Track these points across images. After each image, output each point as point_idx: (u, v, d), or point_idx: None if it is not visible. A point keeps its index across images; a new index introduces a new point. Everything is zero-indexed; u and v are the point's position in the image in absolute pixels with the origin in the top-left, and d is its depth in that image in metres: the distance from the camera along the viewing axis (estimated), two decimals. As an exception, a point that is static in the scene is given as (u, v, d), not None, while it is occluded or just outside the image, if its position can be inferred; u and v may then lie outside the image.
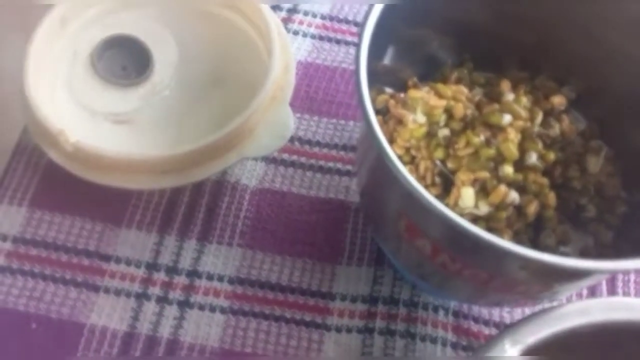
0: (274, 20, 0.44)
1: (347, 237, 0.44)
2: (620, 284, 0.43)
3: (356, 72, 0.28)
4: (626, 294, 0.43)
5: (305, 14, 0.51)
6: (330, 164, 0.46)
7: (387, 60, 0.36)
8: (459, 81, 0.38)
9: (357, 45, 0.29)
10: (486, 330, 0.42)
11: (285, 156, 0.46)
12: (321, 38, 0.51)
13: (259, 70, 0.43)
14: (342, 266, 0.43)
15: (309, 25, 0.51)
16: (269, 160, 0.46)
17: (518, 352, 0.29)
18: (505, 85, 0.37)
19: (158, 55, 0.45)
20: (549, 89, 0.38)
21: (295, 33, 0.51)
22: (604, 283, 0.43)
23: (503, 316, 0.42)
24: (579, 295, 0.43)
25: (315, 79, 0.49)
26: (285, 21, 0.51)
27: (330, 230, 0.44)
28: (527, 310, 0.40)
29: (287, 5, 0.52)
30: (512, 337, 0.29)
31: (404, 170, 0.26)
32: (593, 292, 0.43)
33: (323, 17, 0.52)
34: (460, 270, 0.30)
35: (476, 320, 0.42)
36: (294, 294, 0.42)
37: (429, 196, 0.26)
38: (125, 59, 0.46)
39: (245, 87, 0.43)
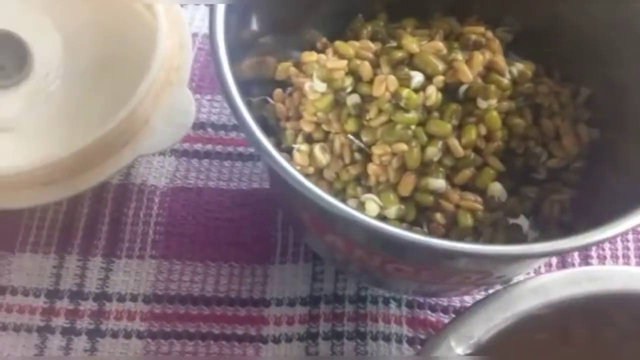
0: (160, -11, 0.37)
1: (278, 232, 0.38)
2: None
3: (211, 38, 0.21)
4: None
5: (208, -22, 0.45)
6: (251, 149, 0.40)
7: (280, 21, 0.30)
8: (374, 37, 0.32)
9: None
10: (446, 319, 0.36)
11: (198, 146, 0.40)
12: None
13: (152, 49, 0.37)
14: (275, 265, 0.37)
15: (213, -9, 0.44)
16: (179, 153, 0.40)
17: (466, 350, 0.24)
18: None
19: (38, 46, 0.39)
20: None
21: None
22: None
23: (464, 300, 0.37)
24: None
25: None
26: (184, -11, 0.44)
27: (258, 226, 0.38)
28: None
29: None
30: (457, 333, 0.24)
31: (285, 163, 0.20)
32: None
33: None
34: (381, 265, 0.25)
35: (433, 308, 0.36)
36: (221, 305, 0.36)
37: (319, 193, 0.20)
38: (0, 58, 0.39)
39: (140, 71, 0.37)
